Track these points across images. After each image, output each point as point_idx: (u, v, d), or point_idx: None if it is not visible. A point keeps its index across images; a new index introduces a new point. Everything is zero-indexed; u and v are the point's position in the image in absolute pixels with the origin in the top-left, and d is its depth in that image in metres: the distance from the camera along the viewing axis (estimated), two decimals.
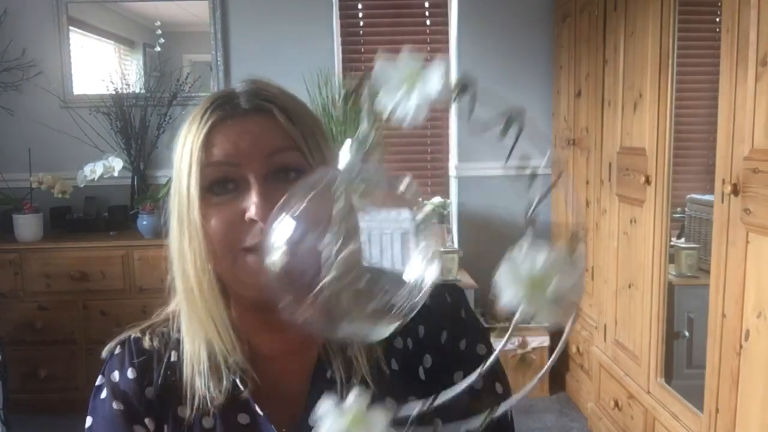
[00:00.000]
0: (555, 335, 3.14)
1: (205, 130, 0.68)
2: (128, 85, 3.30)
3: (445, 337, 0.76)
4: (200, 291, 0.69)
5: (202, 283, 0.69)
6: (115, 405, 0.73)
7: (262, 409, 0.72)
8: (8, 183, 3.17)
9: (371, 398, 0.42)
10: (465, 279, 3.10)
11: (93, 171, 3.01)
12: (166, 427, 0.73)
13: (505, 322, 3.16)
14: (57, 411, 2.96)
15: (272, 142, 0.68)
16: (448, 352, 0.76)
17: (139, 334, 0.77)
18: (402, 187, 0.47)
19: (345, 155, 0.44)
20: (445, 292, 0.77)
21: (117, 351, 0.76)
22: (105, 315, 2.99)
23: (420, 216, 0.46)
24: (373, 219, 0.45)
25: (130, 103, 3.25)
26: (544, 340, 3.06)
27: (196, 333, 0.71)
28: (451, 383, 0.46)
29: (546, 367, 0.44)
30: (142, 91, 3.30)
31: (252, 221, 0.66)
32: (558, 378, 3.19)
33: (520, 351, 3.06)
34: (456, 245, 3.38)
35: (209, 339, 0.71)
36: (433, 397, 0.44)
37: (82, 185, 3.04)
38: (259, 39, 3.33)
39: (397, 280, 0.45)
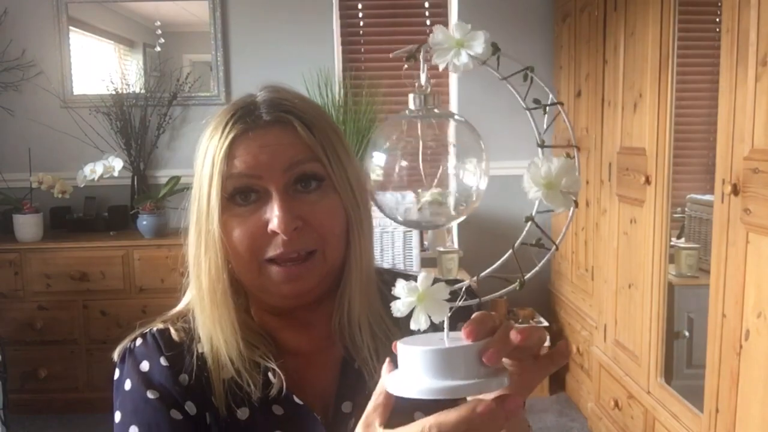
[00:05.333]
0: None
1: (227, 142, 0.70)
2: (128, 85, 3.30)
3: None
4: (212, 300, 0.72)
5: (215, 291, 0.71)
6: (149, 394, 0.72)
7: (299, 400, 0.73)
8: (8, 183, 3.18)
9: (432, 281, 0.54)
10: (465, 279, 3.10)
11: (93, 171, 3.01)
12: (207, 415, 0.73)
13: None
14: (57, 411, 2.96)
15: (293, 154, 0.70)
16: None
17: (161, 326, 0.77)
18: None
19: (411, 105, 0.56)
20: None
21: (138, 343, 0.76)
22: (105, 315, 2.98)
23: None
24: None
25: (130, 103, 3.25)
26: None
27: (206, 337, 0.74)
28: None
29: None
30: (142, 91, 3.30)
31: (274, 233, 0.68)
32: (558, 378, 3.18)
33: None
34: (456, 245, 3.38)
35: (218, 345, 0.73)
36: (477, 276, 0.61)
37: (82, 185, 3.04)
38: (259, 39, 3.33)
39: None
